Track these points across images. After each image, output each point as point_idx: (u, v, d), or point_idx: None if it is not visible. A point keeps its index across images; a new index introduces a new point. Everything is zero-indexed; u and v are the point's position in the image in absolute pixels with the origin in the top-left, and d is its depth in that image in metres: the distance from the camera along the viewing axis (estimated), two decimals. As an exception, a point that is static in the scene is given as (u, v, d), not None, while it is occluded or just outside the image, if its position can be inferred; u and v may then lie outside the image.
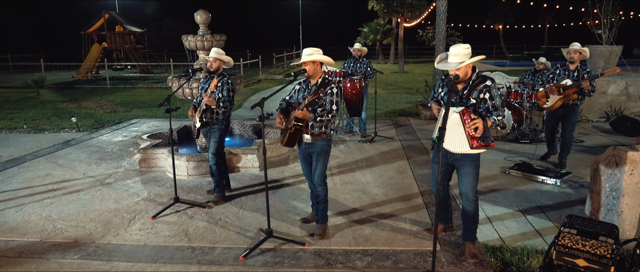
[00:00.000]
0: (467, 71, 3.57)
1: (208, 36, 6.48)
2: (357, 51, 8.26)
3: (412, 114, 10.71)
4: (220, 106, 4.78)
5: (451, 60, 3.57)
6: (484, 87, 3.56)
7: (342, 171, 6.21)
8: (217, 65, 4.89)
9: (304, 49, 4.01)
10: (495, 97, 3.55)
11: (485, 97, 3.55)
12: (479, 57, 3.57)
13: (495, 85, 3.62)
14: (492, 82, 3.59)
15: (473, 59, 3.53)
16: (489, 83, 3.57)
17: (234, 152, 6.23)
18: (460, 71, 3.53)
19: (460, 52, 3.52)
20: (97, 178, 6.04)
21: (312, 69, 3.94)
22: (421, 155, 6.94)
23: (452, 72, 3.57)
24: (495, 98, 3.54)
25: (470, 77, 3.61)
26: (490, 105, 3.54)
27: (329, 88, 3.94)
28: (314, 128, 4.00)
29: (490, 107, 3.54)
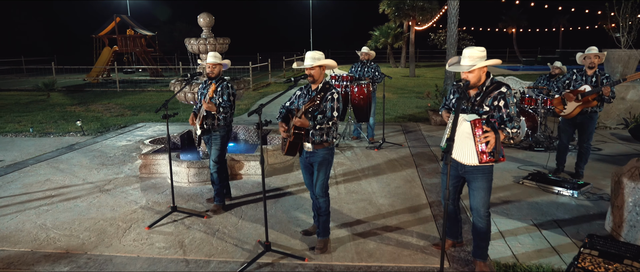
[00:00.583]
0: (481, 76, 3.33)
1: (211, 39, 6.32)
2: (365, 55, 8.04)
3: (422, 119, 10.45)
4: (221, 112, 4.60)
5: (464, 62, 3.34)
6: (499, 94, 3.31)
7: (348, 179, 5.99)
8: (217, 71, 4.72)
9: (307, 52, 3.81)
10: (511, 106, 3.30)
11: (500, 105, 3.30)
12: (493, 60, 3.32)
13: (511, 92, 3.37)
14: (507, 89, 3.33)
15: (487, 62, 3.30)
16: (504, 89, 3.32)
17: (236, 159, 6.05)
18: (473, 75, 3.30)
19: (474, 54, 3.29)
20: (96, 184, 5.90)
21: (317, 73, 3.75)
22: (431, 163, 6.68)
23: (464, 75, 3.35)
24: (510, 106, 3.29)
25: (484, 82, 3.37)
26: (504, 114, 3.29)
27: (328, 93, 3.73)
28: (314, 136, 3.79)
29: (505, 116, 3.29)
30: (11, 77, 25.31)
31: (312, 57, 3.76)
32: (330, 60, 3.81)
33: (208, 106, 4.49)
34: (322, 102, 3.74)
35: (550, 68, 8.38)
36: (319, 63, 3.73)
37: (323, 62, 3.74)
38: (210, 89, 4.52)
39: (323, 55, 3.80)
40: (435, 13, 26.51)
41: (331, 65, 3.85)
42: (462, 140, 3.30)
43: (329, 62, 3.79)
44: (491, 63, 3.27)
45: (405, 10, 26.34)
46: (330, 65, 3.84)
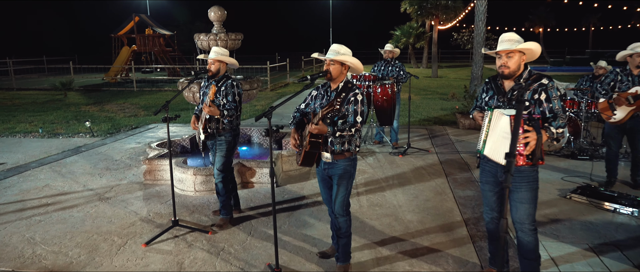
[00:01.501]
0: (520, 64, 2.88)
1: (222, 35, 5.82)
2: (389, 53, 7.43)
3: (449, 122, 9.75)
4: (224, 115, 4.07)
5: (503, 46, 2.87)
6: (539, 86, 2.82)
7: (370, 189, 5.38)
8: (217, 68, 4.18)
9: (332, 45, 3.25)
10: (554, 100, 2.81)
11: (541, 99, 2.82)
12: (532, 43, 2.85)
13: (554, 85, 2.85)
14: (549, 81, 2.84)
15: (528, 44, 2.83)
16: (545, 81, 2.83)
17: (248, 166, 5.52)
18: (512, 61, 2.85)
19: (514, 37, 2.87)
20: (96, 191, 5.45)
21: (337, 71, 3.19)
22: (462, 172, 6.02)
23: (502, 62, 2.88)
24: (553, 100, 2.81)
25: (521, 74, 2.90)
26: (546, 109, 2.81)
27: (351, 94, 3.16)
28: (334, 145, 3.22)
29: (547, 112, 2.81)
30: (33, 77, 25.49)
31: (335, 49, 3.20)
32: (356, 60, 3.24)
33: (209, 110, 3.96)
34: (343, 104, 3.16)
35: (593, 68, 7.61)
36: (341, 58, 3.16)
37: (346, 59, 3.17)
38: (211, 91, 3.99)
39: (350, 52, 3.24)
40: (460, 12, 25.62)
41: (356, 67, 3.28)
42: (500, 139, 2.76)
43: (353, 61, 3.22)
44: (532, 46, 2.83)
45: (428, 9, 25.51)
46: (355, 66, 3.27)
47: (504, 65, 2.88)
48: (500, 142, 2.76)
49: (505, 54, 2.88)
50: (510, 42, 2.86)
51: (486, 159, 3.04)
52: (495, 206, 3.14)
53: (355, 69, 3.31)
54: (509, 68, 2.87)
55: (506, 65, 2.87)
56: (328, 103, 2.89)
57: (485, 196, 3.16)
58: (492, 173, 3.04)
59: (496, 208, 3.15)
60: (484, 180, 3.13)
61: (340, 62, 3.20)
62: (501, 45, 2.89)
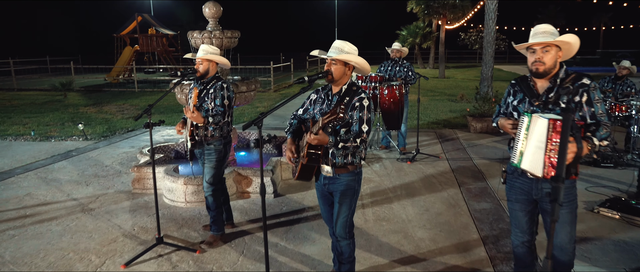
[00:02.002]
0: (556, 61, 2.47)
1: (217, 32, 5.40)
2: (396, 52, 6.98)
3: (459, 125, 9.27)
4: (209, 121, 3.63)
5: (536, 39, 2.45)
6: (581, 87, 2.42)
7: (376, 201, 4.94)
8: (205, 68, 3.76)
9: (335, 42, 2.82)
10: (596, 103, 2.40)
11: (582, 101, 2.42)
12: (573, 36, 2.42)
13: (596, 85, 2.44)
14: (591, 81, 2.43)
15: (566, 36, 2.40)
16: (587, 81, 2.43)
17: (244, 174, 5.09)
18: (549, 57, 2.43)
19: (549, 28, 2.45)
20: (80, 201, 5.05)
21: (340, 72, 2.75)
22: (476, 181, 5.56)
23: (536, 58, 2.45)
24: (595, 104, 2.40)
25: (556, 73, 2.48)
26: (587, 113, 2.40)
27: (356, 99, 2.73)
28: (335, 157, 2.78)
29: (588, 117, 2.39)
30: (35, 77, 25.26)
31: (338, 47, 2.77)
32: (362, 60, 2.80)
33: (191, 115, 3.54)
34: (346, 111, 2.73)
35: (616, 69, 7.12)
36: (344, 57, 2.72)
37: (350, 59, 2.74)
38: (193, 94, 3.57)
39: (355, 50, 2.80)
40: (468, 11, 25.07)
41: (362, 67, 2.84)
42: (538, 150, 2.31)
43: (359, 61, 2.78)
44: (570, 39, 2.41)
45: (435, 8, 25.00)
46: (361, 66, 2.83)
47: (539, 61, 2.44)
48: (539, 154, 2.31)
49: (540, 47, 2.44)
50: (546, 34, 2.43)
51: (516, 173, 2.60)
52: (527, 229, 2.70)
53: (361, 70, 2.87)
54: (545, 64, 2.43)
55: (541, 61, 2.43)
56: (330, 110, 2.45)
57: (515, 216, 2.72)
58: (525, 190, 2.59)
59: (528, 230, 2.71)
60: (514, 198, 2.68)
61: (344, 61, 2.76)
62: (535, 38, 2.45)
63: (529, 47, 2.50)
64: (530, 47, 2.48)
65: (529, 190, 2.57)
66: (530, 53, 2.49)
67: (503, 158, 6.58)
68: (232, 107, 3.83)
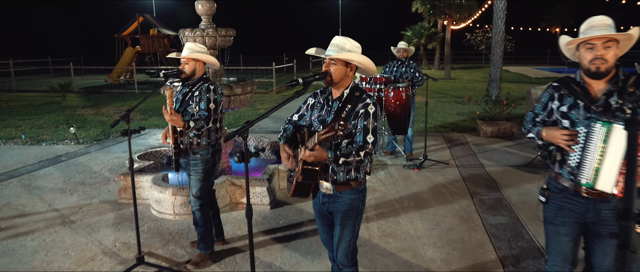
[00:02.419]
0: (615, 58, 2.09)
1: (210, 31, 5.01)
2: (403, 52, 6.57)
3: (468, 129, 8.85)
4: (190, 126, 3.25)
5: (595, 32, 2.06)
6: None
7: (382, 213, 4.53)
8: (191, 68, 3.39)
9: (335, 37, 2.43)
10: None
11: None
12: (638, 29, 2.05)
13: None
14: None
15: (633, 30, 2.04)
16: None
17: (238, 184, 4.70)
18: (611, 53, 2.05)
19: (607, 20, 2.07)
20: (62, 213, 4.68)
21: (341, 74, 2.36)
22: (490, 191, 5.14)
23: (596, 54, 2.05)
24: None
25: (615, 74, 2.12)
26: None
27: (361, 106, 2.34)
28: (336, 173, 2.39)
29: None
30: (36, 78, 25.02)
31: (338, 44, 2.38)
32: (367, 59, 2.40)
33: (170, 118, 3.17)
34: (348, 119, 2.33)
35: (637, 69, 6.68)
36: (345, 57, 2.33)
37: (353, 58, 2.35)
38: (167, 94, 3.20)
39: (358, 48, 2.41)
40: (474, 11, 24.61)
41: (366, 68, 2.45)
42: (614, 166, 1.96)
43: (362, 60, 2.39)
44: (636, 34, 2.05)
45: (441, 8, 24.56)
46: (365, 66, 2.44)
47: (600, 59, 2.05)
48: (614, 170, 1.94)
49: (601, 42, 2.04)
50: (606, 27, 2.04)
51: (567, 192, 2.22)
52: (571, 256, 2.31)
53: (365, 70, 2.48)
54: (607, 62, 2.05)
55: (603, 58, 2.04)
56: (327, 125, 2.05)
57: (558, 242, 2.31)
58: (578, 213, 2.21)
59: (570, 259, 2.31)
60: (560, 221, 2.28)
61: (345, 61, 2.37)
62: (594, 31, 2.04)
63: (584, 43, 2.10)
64: (587, 42, 2.08)
65: (584, 212, 2.19)
66: (587, 50, 2.08)
67: (517, 165, 6.16)
68: (220, 111, 3.44)
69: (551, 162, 2.31)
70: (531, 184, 5.32)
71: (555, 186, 2.30)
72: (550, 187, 2.33)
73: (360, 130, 2.34)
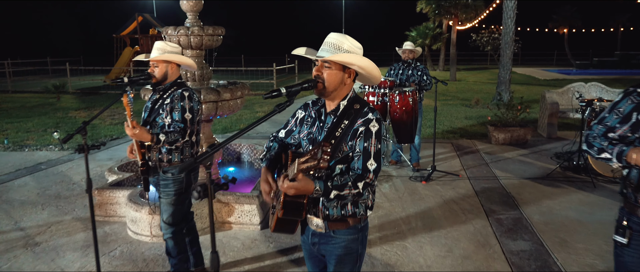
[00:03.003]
0: None
1: (195, 29, 4.50)
2: (409, 53, 6.05)
3: (478, 135, 8.30)
4: (161, 140, 2.74)
5: None
6: None
7: (386, 236, 4.00)
8: (162, 72, 2.89)
9: (330, 35, 1.92)
10: None
11: None
12: None
13: None
14: None
15: None
16: None
17: (224, 200, 4.18)
18: None
19: None
20: (27, 232, 4.18)
21: (336, 81, 1.84)
22: (507, 208, 4.60)
23: None
24: None
25: None
26: None
27: (361, 122, 1.84)
28: (328, 208, 1.87)
29: None
30: (34, 78, 24.62)
31: (333, 43, 1.86)
32: (370, 63, 1.88)
33: (132, 132, 2.66)
34: (343, 140, 1.82)
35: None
36: (343, 59, 1.82)
37: (352, 60, 1.83)
38: (124, 103, 2.70)
39: (359, 49, 1.89)
40: (481, 11, 24.01)
41: (369, 73, 1.93)
42: None
43: (364, 64, 1.86)
44: None
45: (446, 8, 23.96)
46: (368, 72, 1.92)
47: None
48: None
49: None
50: None
51: None
52: None
53: (367, 77, 1.95)
54: None
55: None
56: (309, 152, 1.54)
57: None
58: None
59: None
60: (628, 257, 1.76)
61: (342, 64, 1.85)
62: None
63: None
64: None
65: None
66: None
67: (534, 177, 5.61)
68: (197, 122, 2.93)
69: (632, 190, 1.79)
70: (553, 201, 4.78)
71: (637, 224, 1.78)
72: (633, 225, 1.81)
73: (359, 154, 1.82)
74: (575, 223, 4.20)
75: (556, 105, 7.76)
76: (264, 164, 2.06)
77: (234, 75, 21.88)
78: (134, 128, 2.64)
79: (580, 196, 4.93)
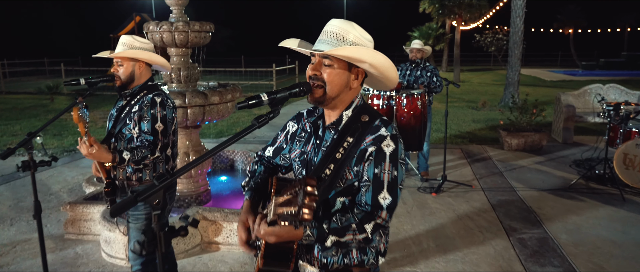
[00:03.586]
0: None
1: (180, 24, 4.02)
2: (417, 52, 5.57)
3: (488, 140, 7.81)
4: (125, 159, 2.25)
5: None
6: None
7: (395, 260, 3.51)
8: (128, 73, 2.42)
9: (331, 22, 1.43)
10: None
11: None
12: None
13: None
14: None
15: None
16: None
17: (210, 218, 3.70)
18: None
19: None
20: (-12, 254, 3.70)
21: (340, 83, 1.39)
22: (529, 225, 4.10)
23: None
24: None
25: None
26: None
27: (371, 140, 1.37)
28: (326, 256, 1.39)
29: None
30: (31, 79, 24.19)
31: (335, 31, 1.38)
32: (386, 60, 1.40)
33: (89, 153, 2.17)
34: (345, 163, 1.34)
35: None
36: (350, 54, 1.34)
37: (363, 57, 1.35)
38: (74, 115, 2.22)
39: (369, 41, 1.42)
40: (485, 11, 23.52)
41: (384, 75, 1.47)
42: None
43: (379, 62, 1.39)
44: None
45: (450, 8, 23.47)
46: (383, 73, 1.45)
47: None
48: None
49: None
50: None
51: None
52: None
53: (381, 80, 1.48)
54: None
55: None
56: (287, 190, 1.07)
57: None
58: None
59: None
60: None
61: (348, 60, 1.37)
62: None
63: None
64: None
65: None
66: None
67: (555, 188, 5.12)
68: (173, 132, 2.45)
69: None
70: (579, 217, 4.29)
71: None
72: None
73: (368, 184, 1.35)
74: (608, 244, 3.70)
75: (572, 108, 7.26)
76: (247, 197, 1.57)
77: (232, 77, 21.44)
78: (90, 146, 2.16)
79: (608, 210, 4.44)
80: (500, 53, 32.37)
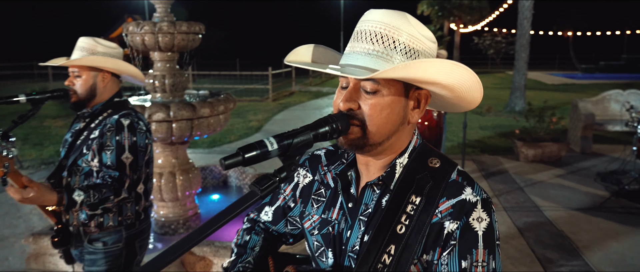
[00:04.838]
0: None
1: (164, 25, 3.47)
2: (430, 56, 5.02)
3: (500, 149, 7.30)
4: (76, 201, 1.66)
5: None
6: None
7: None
8: (87, 86, 1.90)
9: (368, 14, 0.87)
10: None
11: None
12: None
13: None
14: None
15: None
16: None
17: (198, 254, 3.14)
18: None
19: None
20: None
21: (391, 117, 0.88)
22: (567, 256, 3.57)
23: None
24: None
25: None
26: None
27: (447, 206, 0.85)
28: None
29: None
30: (18, 83, 23.50)
31: (381, 33, 0.85)
32: (469, 75, 0.85)
33: (23, 198, 1.59)
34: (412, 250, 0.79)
35: None
36: (417, 76, 0.81)
37: (437, 78, 0.81)
38: (4, 157, 1.63)
39: (430, 40, 0.86)
40: (486, 13, 23.15)
41: (462, 96, 0.91)
42: None
43: (460, 78, 0.85)
44: None
45: (449, 10, 23.08)
46: (461, 94, 0.89)
47: None
48: None
49: None
50: None
51: None
52: None
53: (456, 102, 0.94)
54: None
55: None
56: None
57: None
58: None
59: None
60: None
61: (408, 81, 0.83)
62: None
63: None
64: None
65: None
66: None
67: (585, 208, 4.60)
68: (145, 165, 1.89)
69: None
70: (620, 243, 3.77)
71: None
72: None
73: None
74: (663, 280, 3.19)
75: (592, 116, 6.76)
76: None
77: (227, 81, 20.86)
78: (25, 189, 1.58)
79: (651, 235, 3.93)
80: (499, 56, 32.04)
